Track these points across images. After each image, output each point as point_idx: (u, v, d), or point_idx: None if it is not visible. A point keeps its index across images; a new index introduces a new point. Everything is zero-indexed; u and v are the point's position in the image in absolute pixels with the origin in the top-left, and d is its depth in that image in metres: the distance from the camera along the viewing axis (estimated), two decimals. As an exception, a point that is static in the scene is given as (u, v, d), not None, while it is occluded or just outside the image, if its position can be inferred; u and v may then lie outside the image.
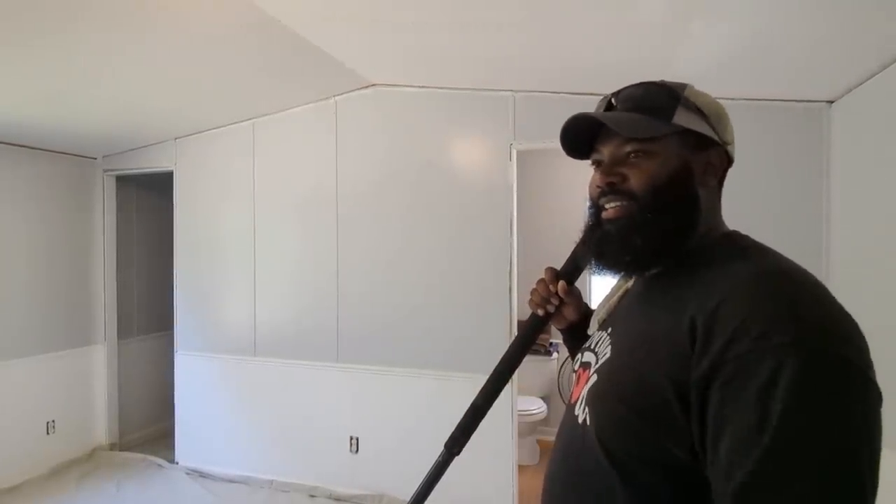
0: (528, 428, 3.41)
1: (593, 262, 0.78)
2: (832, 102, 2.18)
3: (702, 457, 0.59)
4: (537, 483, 3.21)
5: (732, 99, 2.14)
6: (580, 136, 0.78)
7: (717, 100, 0.74)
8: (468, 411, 1.02)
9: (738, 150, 0.79)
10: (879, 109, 1.80)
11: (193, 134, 3.32)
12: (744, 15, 1.61)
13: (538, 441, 3.65)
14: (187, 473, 3.30)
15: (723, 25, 1.70)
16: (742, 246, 0.70)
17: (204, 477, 3.26)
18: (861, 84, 1.92)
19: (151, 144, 3.44)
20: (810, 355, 0.53)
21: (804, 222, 2.24)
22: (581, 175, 4.03)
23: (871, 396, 0.54)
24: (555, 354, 3.76)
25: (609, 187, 0.73)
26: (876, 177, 1.83)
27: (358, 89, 2.91)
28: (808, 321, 0.55)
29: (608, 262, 0.76)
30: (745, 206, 1.64)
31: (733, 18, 1.64)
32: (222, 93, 2.76)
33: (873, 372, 0.55)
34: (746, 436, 0.53)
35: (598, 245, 0.76)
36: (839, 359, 0.53)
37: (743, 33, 1.74)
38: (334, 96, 2.97)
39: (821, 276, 0.96)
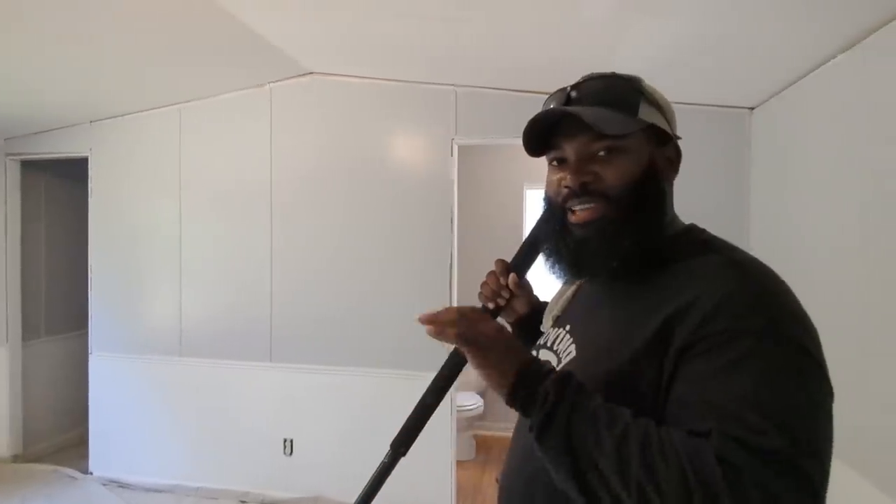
0: (464, 423, 3.42)
1: (568, 271, 0.74)
2: (753, 109, 2.33)
3: None
4: (475, 478, 3.24)
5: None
6: (537, 132, 0.72)
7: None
8: (417, 409, 0.97)
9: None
10: (795, 116, 1.94)
11: (112, 117, 3.07)
12: (676, 22, 1.68)
13: (474, 436, 3.67)
14: (104, 484, 3.05)
15: (658, 31, 1.77)
16: (705, 239, 0.71)
17: (123, 487, 3.03)
18: (779, 92, 2.06)
19: (63, 127, 3.15)
20: (778, 341, 0.55)
21: (727, 220, 2.37)
22: (521, 170, 4.08)
23: (827, 389, 0.57)
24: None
25: (582, 188, 0.69)
26: (790, 177, 1.96)
27: (295, 77, 2.80)
28: (776, 311, 0.58)
29: (591, 270, 0.71)
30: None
31: (667, 24, 1.71)
32: (146, 74, 2.56)
33: (826, 364, 0.58)
34: (706, 409, 0.54)
35: (575, 253, 0.71)
36: (802, 349, 0.56)
37: (673, 42, 1.82)
38: (269, 83, 2.84)
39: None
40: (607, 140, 0.67)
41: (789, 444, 0.50)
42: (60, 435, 3.62)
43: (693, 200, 2.36)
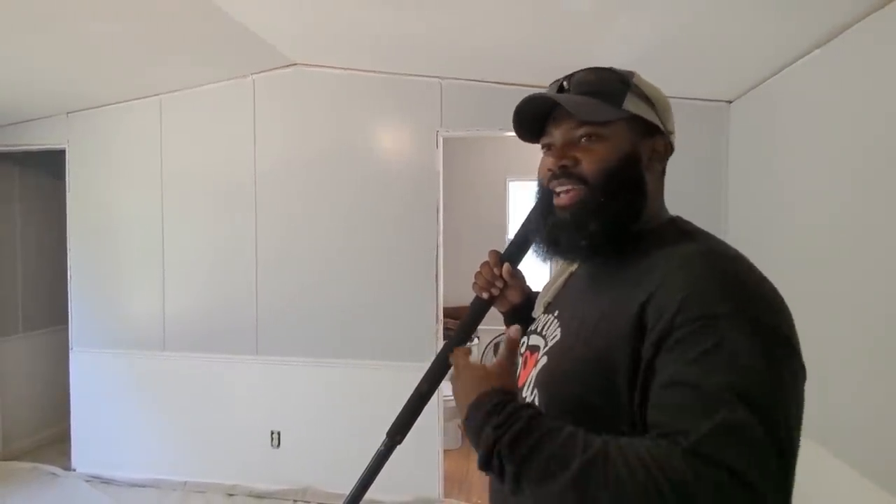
0: (450, 412, 3.46)
1: (546, 249, 0.78)
2: (731, 102, 2.39)
3: (640, 429, 0.60)
4: (461, 466, 3.28)
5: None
6: (530, 119, 0.77)
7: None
8: (412, 398, 1.00)
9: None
10: (772, 110, 2.00)
11: (90, 108, 3.00)
12: (657, 17, 1.72)
13: (459, 426, 3.72)
14: (87, 481, 3.02)
15: (637, 25, 1.80)
16: (686, 230, 0.73)
17: (107, 483, 3.00)
18: (756, 87, 2.11)
19: (38, 119, 3.07)
20: (749, 325, 0.56)
21: (705, 212, 2.43)
22: (504, 163, 4.12)
23: (798, 369, 0.58)
24: (476, 341, 3.84)
25: (561, 170, 0.73)
26: (767, 170, 2.02)
27: (278, 68, 2.77)
28: (747, 294, 0.59)
29: (563, 249, 0.76)
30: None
31: (649, 18, 1.74)
32: (125, 63, 2.51)
33: (800, 347, 0.59)
34: (687, 396, 0.55)
35: (553, 232, 0.76)
36: (773, 330, 0.58)
37: (653, 35, 1.85)
38: (252, 74, 2.81)
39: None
40: (587, 126, 0.71)
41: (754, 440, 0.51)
42: (40, 432, 3.56)
43: (671, 193, 2.42)
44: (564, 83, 0.76)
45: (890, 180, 1.31)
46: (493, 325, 2.17)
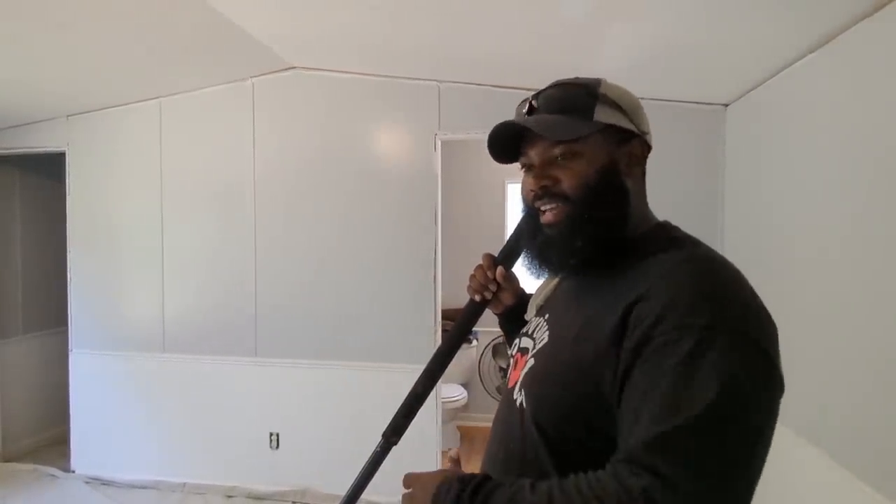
0: (449, 414, 3.48)
1: (539, 266, 0.80)
2: (727, 105, 2.40)
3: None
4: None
5: (640, 98, 2.28)
6: (506, 141, 0.79)
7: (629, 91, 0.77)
8: (408, 399, 1.01)
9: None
10: (768, 113, 2.01)
11: (90, 111, 3.02)
12: (653, 21, 1.73)
13: (458, 427, 3.73)
14: (86, 482, 3.03)
15: (633, 32, 1.81)
16: (673, 237, 0.73)
17: (106, 485, 3.01)
18: (752, 90, 2.13)
19: (38, 121, 3.09)
20: (727, 336, 0.57)
21: (702, 216, 2.44)
22: (503, 165, 4.12)
23: (775, 384, 0.59)
24: (474, 342, 3.85)
25: (543, 191, 0.75)
26: (764, 173, 2.03)
27: (277, 71, 2.79)
28: (728, 305, 0.60)
29: (555, 267, 0.78)
30: (649, 198, 1.75)
31: (645, 23, 1.76)
32: (125, 67, 2.53)
33: (779, 360, 0.60)
34: (659, 407, 0.56)
35: (542, 250, 0.77)
36: (752, 342, 0.58)
37: (649, 41, 1.87)
38: (251, 77, 2.82)
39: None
40: (561, 146, 0.72)
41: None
42: (40, 434, 3.57)
43: (668, 197, 2.44)
44: (533, 102, 0.76)
45: (888, 182, 1.32)
46: (492, 326, 2.19)
